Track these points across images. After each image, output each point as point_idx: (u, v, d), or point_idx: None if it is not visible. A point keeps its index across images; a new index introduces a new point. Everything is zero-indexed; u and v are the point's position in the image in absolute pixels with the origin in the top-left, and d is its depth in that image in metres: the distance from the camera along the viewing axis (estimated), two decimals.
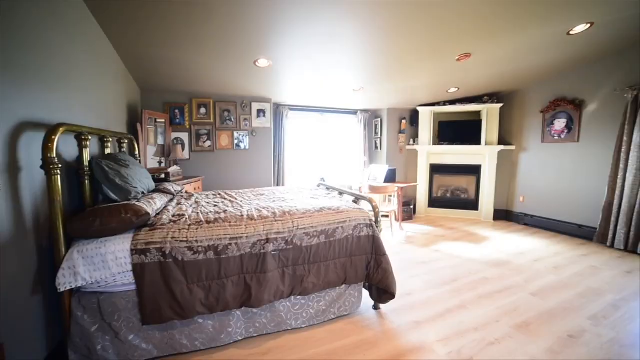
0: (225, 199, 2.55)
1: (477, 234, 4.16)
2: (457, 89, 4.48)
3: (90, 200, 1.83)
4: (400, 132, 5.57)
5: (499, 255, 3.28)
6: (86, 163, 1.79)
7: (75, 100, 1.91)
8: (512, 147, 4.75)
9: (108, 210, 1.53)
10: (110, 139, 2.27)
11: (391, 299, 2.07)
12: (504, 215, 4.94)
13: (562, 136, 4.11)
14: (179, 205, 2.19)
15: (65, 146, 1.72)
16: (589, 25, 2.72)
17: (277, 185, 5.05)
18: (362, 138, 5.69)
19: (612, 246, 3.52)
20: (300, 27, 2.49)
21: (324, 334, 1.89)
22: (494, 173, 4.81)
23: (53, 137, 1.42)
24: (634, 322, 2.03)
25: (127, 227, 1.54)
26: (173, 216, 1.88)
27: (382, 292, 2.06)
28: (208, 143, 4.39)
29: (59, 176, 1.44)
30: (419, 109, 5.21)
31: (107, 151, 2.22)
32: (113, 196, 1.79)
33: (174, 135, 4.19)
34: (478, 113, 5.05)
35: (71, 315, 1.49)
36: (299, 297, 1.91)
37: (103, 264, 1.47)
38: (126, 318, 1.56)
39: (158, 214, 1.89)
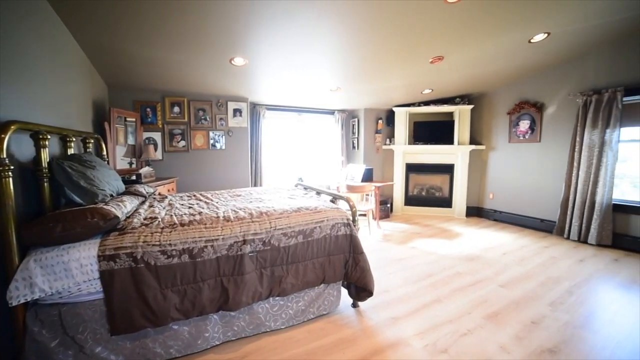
0: (200, 200, 2.48)
1: (450, 230, 4.33)
2: (431, 91, 4.64)
3: (51, 204, 1.70)
4: (377, 132, 5.68)
5: (471, 251, 3.44)
6: (45, 164, 1.67)
7: (31, 96, 1.76)
8: (482, 147, 5.00)
9: (71, 214, 1.43)
10: (74, 139, 2.13)
11: (369, 297, 2.11)
12: (476, 211, 5.18)
13: (526, 136, 4.38)
14: (152, 208, 2.10)
15: (19, 146, 1.58)
16: (546, 34, 2.94)
17: (255, 185, 4.98)
18: (340, 138, 5.74)
19: (568, 238, 3.82)
20: (276, 26, 2.47)
21: (304, 334, 1.89)
22: (466, 171, 5.02)
23: (2, 135, 1.30)
24: (584, 306, 2.24)
25: (93, 231, 1.46)
26: (145, 219, 1.80)
27: (361, 290, 2.09)
28: (182, 143, 4.24)
29: (10, 179, 1.32)
30: (394, 109, 5.34)
31: (71, 152, 2.08)
32: (77, 199, 1.69)
33: (146, 134, 4.01)
34: (451, 114, 5.26)
35: (26, 331, 1.36)
36: (277, 298, 1.89)
37: (65, 273, 1.37)
38: (92, 329, 1.46)
39: (128, 217, 1.81)
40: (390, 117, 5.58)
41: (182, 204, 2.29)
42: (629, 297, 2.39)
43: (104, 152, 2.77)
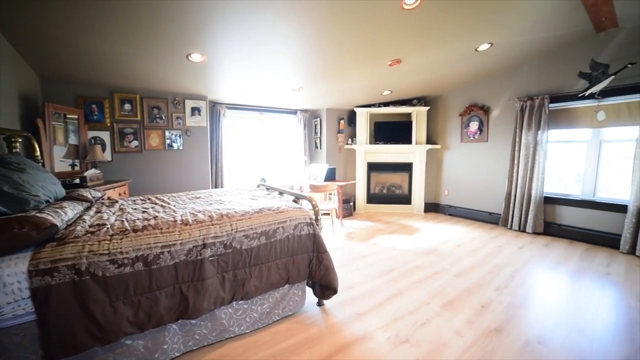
0: (156, 204, 2.32)
1: (410, 226, 4.55)
2: (390, 92, 4.84)
3: None
4: (339, 132, 5.78)
5: (429, 244, 3.65)
6: None
7: None
8: (438, 146, 5.33)
9: None
10: None
11: (334, 294, 2.14)
12: (433, 207, 5.51)
13: (476, 137, 4.77)
14: (99, 214, 1.92)
15: None
16: (490, 44, 3.24)
17: (216, 187, 4.79)
18: (302, 138, 5.74)
19: (511, 228, 4.25)
20: (236, 22, 2.39)
21: (270, 337, 1.86)
22: (424, 170, 5.32)
23: None
24: (523, 287, 2.53)
25: (23, 244, 1.27)
26: (91, 226, 1.63)
27: (325, 288, 2.11)
28: (135, 143, 3.94)
29: None
30: (356, 109, 5.48)
31: None
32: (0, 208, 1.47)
33: (92, 134, 3.66)
34: (409, 115, 5.53)
35: None
36: (241, 302, 1.84)
37: None
38: (20, 358, 1.27)
39: (70, 225, 1.63)
40: (351, 117, 5.72)
41: (135, 209, 2.13)
42: (554, 275, 2.78)
43: (37, 153, 2.47)
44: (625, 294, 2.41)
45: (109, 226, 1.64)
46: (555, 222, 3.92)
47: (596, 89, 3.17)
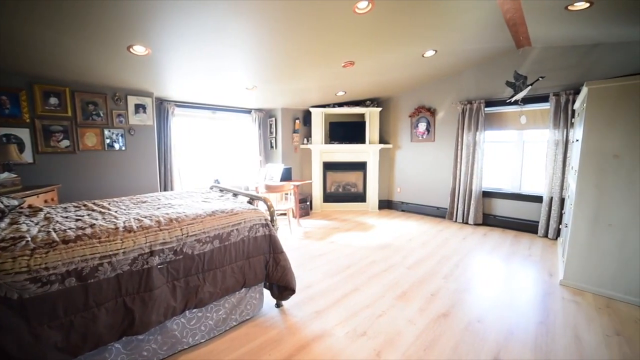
0: (93, 210, 2.07)
1: (365, 223, 4.72)
2: (344, 93, 4.97)
3: None
4: (295, 131, 5.77)
5: (384, 240, 3.83)
6: None
7: None
8: (390, 146, 5.61)
9: None
10: None
11: (292, 294, 2.13)
12: (387, 204, 5.79)
13: (424, 137, 5.12)
14: (15, 226, 1.65)
15: None
16: (434, 51, 3.51)
17: (165, 190, 4.46)
18: (257, 137, 5.62)
19: (456, 221, 4.65)
20: (184, 14, 2.24)
21: (227, 344, 1.79)
22: (377, 168, 5.56)
23: None
24: (465, 274, 2.80)
25: None
26: (2, 241, 1.40)
27: (283, 289, 2.10)
28: (65, 142, 3.48)
29: None
30: (311, 109, 5.52)
31: None
32: None
33: (3, 131, 3.13)
34: (362, 115, 5.72)
35: None
36: (194, 310, 1.74)
37: None
38: None
39: None
40: (307, 117, 5.74)
41: (67, 217, 1.88)
42: (491, 261, 3.13)
43: None
44: (541, 271, 2.86)
45: (29, 239, 1.42)
46: (491, 213, 4.39)
47: (519, 96, 3.64)
